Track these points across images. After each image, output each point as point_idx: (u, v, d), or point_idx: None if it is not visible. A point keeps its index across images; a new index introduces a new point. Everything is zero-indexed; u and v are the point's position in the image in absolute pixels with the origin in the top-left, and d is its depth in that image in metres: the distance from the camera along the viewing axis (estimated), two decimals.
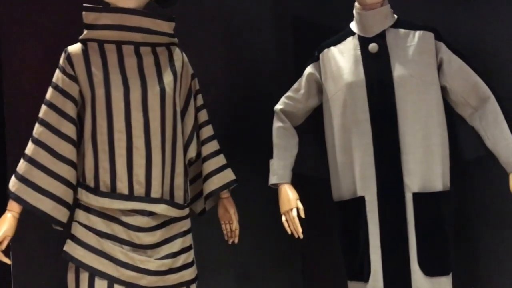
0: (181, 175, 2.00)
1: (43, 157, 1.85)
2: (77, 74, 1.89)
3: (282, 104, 2.14)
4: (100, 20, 1.88)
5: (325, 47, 2.07)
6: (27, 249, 2.32)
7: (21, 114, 2.32)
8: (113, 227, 1.87)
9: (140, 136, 1.88)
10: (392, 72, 1.90)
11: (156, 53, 1.97)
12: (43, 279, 2.35)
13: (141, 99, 1.88)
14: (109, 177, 1.87)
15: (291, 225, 1.98)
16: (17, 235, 1.87)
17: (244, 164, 2.29)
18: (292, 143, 2.12)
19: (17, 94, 2.35)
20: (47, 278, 2.33)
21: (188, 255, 1.98)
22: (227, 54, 2.41)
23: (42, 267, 2.34)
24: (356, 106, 1.93)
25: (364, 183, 1.92)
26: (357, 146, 1.94)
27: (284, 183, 2.05)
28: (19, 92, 2.35)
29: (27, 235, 2.19)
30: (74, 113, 1.91)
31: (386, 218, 1.89)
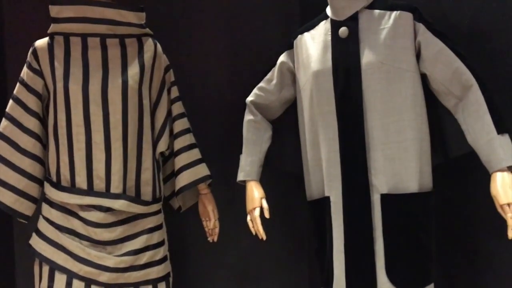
0: (149, 170, 1.94)
1: (6, 151, 1.87)
2: (42, 68, 1.89)
3: (253, 96, 2.00)
4: (63, 13, 1.87)
5: (299, 33, 1.91)
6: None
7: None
8: (72, 222, 1.85)
9: (99, 130, 1.84)
10: (360, 59, 1.71)
11: (124, 45, 1.92)
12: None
13: (100, 92, 1.84)
14: (68, 172, 1.85)
15: (254, 225, 1.85)
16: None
17: None
18: (263, 137, 1.97)
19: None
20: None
21: (154, 253, 1.92)
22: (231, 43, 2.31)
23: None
24: (321, 97, 1.75)
25: (330, 182, 1.75)
26: (323, 141, 1.76)
27: (251, 180, 1.92)
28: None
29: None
30: (38, 107, 1.90)
31: (351, 221, 1.70)
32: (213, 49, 2.28)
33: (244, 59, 2.27)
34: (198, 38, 2.28)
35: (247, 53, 2.28)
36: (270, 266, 2.22)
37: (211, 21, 2.29)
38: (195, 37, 2.29)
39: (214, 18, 2.29)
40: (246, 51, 2.28)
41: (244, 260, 2.25)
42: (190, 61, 2.27)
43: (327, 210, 1.74)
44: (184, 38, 2.29)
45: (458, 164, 1.82)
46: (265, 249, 2.18)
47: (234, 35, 2.28)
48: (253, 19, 2.28)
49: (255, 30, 2.28)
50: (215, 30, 2.28)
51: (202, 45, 2.28)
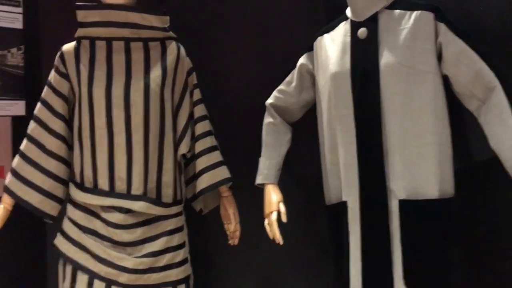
0: (170, 172, 1.96)
1: (33, 152, 1.92)
2: (68, 72, 1.94)
3: (272, 98, 1.99)
4: (89, 18, 1.91)
5: (318, 34, 1.88)
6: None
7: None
8: (94, 222, 1.89)
9: (121, 132, 1.87)
10: (379, 61, 1.66)
11: (148, 48, 1.95)
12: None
13: (123, 95, 1.87)
14: (91, 173, 1.89)
15: (271, 229, 1.84)
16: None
17: None
18: (282, 140, 1.96)
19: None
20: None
21: (174, 255, 1.93)
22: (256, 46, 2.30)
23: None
24: (339, 100, 1.71)
25: (347, 187, 1.70)
26: (341, 145, 1.72)
27: (269, 183, 1.91)
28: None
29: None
30: (64, 110, 1.95)
31: (368, 228, 1.65)
32: (238, 52, 2.27)
33: (270, 61, 2.24)
34: (223, 41, 2.28)
35: (272, 55, 2.25)
36: (293, 270, 2.19)
37: (236, 24, 2.28)
38: (220, 40, 2.29)
39: (239, 21, 2.28)
40: (272, 53, 2.26)
41: (267, 265, 2.23)
42: (215, 64, 2.27)
43: (344, 216, 1.71)
44: (209, 41, 2.29)
45: (482, 169, 1.75)
46: (288, 254, 2.16)
47: (259, 37, 2.26)
48: (279, 21, 2.26)
49: (280, 32, 2.26)
50: (240, 33, 2.27)
51: (227, 48, 2.27)
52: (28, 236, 2.41)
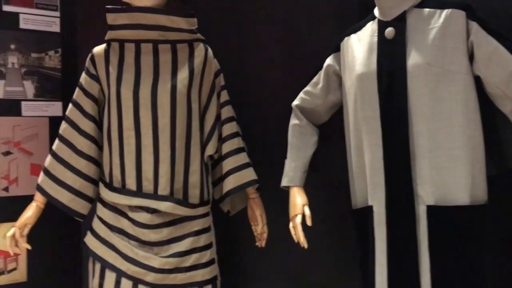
0: (197, 173, 1.97)
1: (64, 152, 1.97)
2: (98, 74, 1.98)
3: (298, 100, 1.96)
4: (119, 20, 1.94)
5: (345, 35, 1.85)
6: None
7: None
8: (122, 222, 1.92)
9: (148, 133, 1.89)
10: (406, 61, 1.61)
11: (176, 50, 1.97)
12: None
13: (150, 97, 1.89)
14: (119, 173, 1.92)
15: (296, 233, 1.81)
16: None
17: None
18: (308, 142, 1.93)
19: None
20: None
21: (201, 255, 1.94)
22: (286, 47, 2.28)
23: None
24: (365, 102, 1.67)
25: (373, 191, 1.65)
26: (367, 147, 1.67)
27: (294, 186, 1.89)
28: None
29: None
30: (94, 111, 1.99)
31: (394, 233, 1.59)
32: (266, 53, 2.26)
33: (299, 62, 2.22)
34: (252, 42, 2.28)
35: (302, 56, 2.23)
36: (321, 274, 2.16)
37: (265, 24, 2.27)
38: (249, 40, 2.28)
39: (268, 21, 2.27)
40: (301, 54, 2.23)
41: (294, 267, 2.21)
42: (243, 65, 2.27)
43: (370, 221, 1.66)
44: (237, 42, 2.29)
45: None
46: (316, 257, 2.13)
47: (288, 38, 2.24)
48: (309, 22, 2.24)
49: (310, 33, 2.24)
50: (269, 34, 2.26)
51: (256, 48, 2.27)
52: (64, 232, 2.47)
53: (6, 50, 2.36)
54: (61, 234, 2.45)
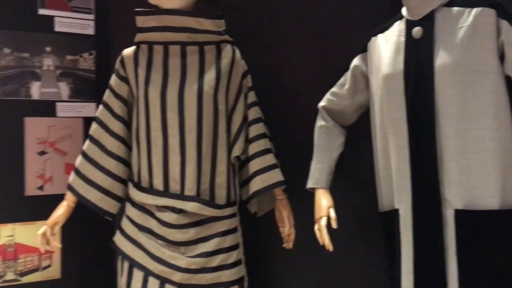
0: (223, 174, 1.97)
1: (94, 152, 2.02)
2: (127, 75, 2.01)
3: (325, 101, 1.94)
4: (147, 23, 1.97)
5: (372, 35, 1.81)
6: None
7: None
8: (150, 221, 1.94)
9: (175, 134, 1.91)
10: (434, 61, 1.57)
11: (203, 52, 1.98)
12: None
13: (177, 98, 1.91)
14: (147, 174, 1.95)
15: (321, 235, 1.79)
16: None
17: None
18: (334, 144, 1.90)
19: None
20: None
21: (227, 256, 1.94)
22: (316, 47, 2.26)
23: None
24: (391, 103, 1.64)
25: (399, 194, 1.62)
26: (393, 150, 1.64)
27: (319, 188, 1.86)
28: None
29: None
30: (123, 112, 2.03)
31: (421, 238, 1.56)
32: (295, 54, 2.24)
33: (330, 63, 2.20)
34: (279, 43, 2.27)
35: (333, 56, 2.21)
36: (348, 276, 2.13)
37: (294, 25, 2.25)
38: (276, 42, 2.27)
39: (297, 22, 2.25)
40: (332, 55, 2.21)
41: (322, 269, 2.19)
42: (271, 66, 2.26)
43: (396, 224, 1.63)
44: (264, 43, 2.29)
45: None
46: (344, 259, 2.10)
47: (317, 39, 2.22)
48: (340, 21, 2.21)
49: (341, 33, 2.21)
50: (297, 34, 2.24)
51: (284, 50, 2.25)
52: (98, 231, 2.51)
53: (41, 53, 2.43)
54: (95, 232, 2.49)
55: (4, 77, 2.36)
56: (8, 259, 2.34)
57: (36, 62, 2.42)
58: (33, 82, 2.41)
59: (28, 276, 2.38)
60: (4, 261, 2.33)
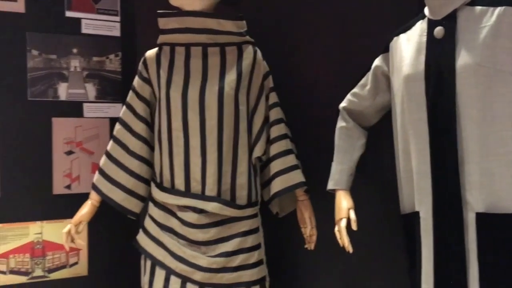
0: (244, 174, 1.98)
1: (117, 152, 2.05)
2: (150, 77, 2.04)
3: (346, 102, 1.92)
4: (169, 25, 1.99)
5: (394, 34, 1.79)
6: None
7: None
8: (171, 221, 1.96)
9: (196, 135, 1.92)
10: (455, 61, 1.54)
11: (224, 53, 1.99)
12: None
13: (198, 99, 1.92)
14: (169, 174, 1.97)
15: (341, 237, 1.78)
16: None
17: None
18: (354, 145, 1.88)
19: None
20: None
21: (248, 256, 1.95)
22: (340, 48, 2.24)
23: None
24: (412, 104, 1.61)
25: (420, 197, 1.59)
26: (414, 151, 1.62)
27: (340, 189, 1.85)
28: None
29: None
30: (146, 113, 2.06)
31: (442, 241, 1.53)
32: (317, 54, 2.23)
33: (354, 63, 2.18)
34: (301, 44, 2.26)
35: (357, 56, 2.18)
36: (371, 278, 2.11)
37: (316, 26, 2.24)
38: (298, 42, 2.26)
39: (320, 22, 2.24)
40: (356, 54, 2.19)
41: (345, 271, 2.17)
42: (293, 67, 2.26)
43: (417, 227, 1.61)
44: (286, 44, 2.28)
45: None
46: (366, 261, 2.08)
47: (340, 39, 2.20)
48: (365, 19, 2.18)
49: (365, 32, 2.19)
50: (319, 35, 2.23)
51: (306, 50, 2.24)
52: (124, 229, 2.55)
53: (68, 54, 2.48)
54: (122, 231, 2.54)
55: (32, 78, 2.42)
56: (37, 256, 2.41)
57: (64, 63, 2.47)
58: (60, 83, 2.47)
59: (56, 272, 2.44)
60: (33, 258, 2.40)
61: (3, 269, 2.36)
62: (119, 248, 2.56)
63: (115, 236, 2.54)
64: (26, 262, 2.40)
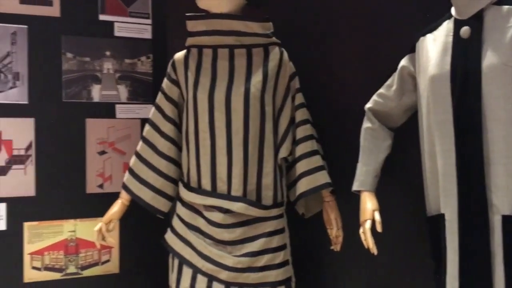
0: (270, 175, 1.99)
1: (146, 152, 2.10)
2: (178, 79, 2.07)
3: (371, 103, 1.91)
4: (197, 27, 2.02)
5: (421, 34, 1.77)
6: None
7: None
8: (198, 220, 1.99)
9: (222, 136, 1.95)
10: (481, 62, 1.51)
11: (251, 54, 2.01)
12: None
13: (224, 100, 1.95)
14: (196, 174, 2.00)
15: (365, 238, 1.77)
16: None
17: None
18: (380, 146, 1.86)
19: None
20: None
21: (274, 256, 1.96)
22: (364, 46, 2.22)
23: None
24: (438, 105, 1.59)
25: (445, 198, 1.57)
26: (439, 153, 1.59)
27: (365, 190, 1.84)
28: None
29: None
30: (174, 114, 2.09)
31: (467, 244, 1.51)
32: (346, 53, 2.22)
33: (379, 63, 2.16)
34: (328, 45, 2.25)
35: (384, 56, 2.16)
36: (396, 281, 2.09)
37: (342, 26, 2.23)
38: (324, 43, 2.25)
39: (347, 23, 2.22)
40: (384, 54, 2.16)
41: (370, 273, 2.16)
42: (322, 67, 2.25)
43: (442, 229, 1.59)
44: (314, 44, 2.28)
45: None
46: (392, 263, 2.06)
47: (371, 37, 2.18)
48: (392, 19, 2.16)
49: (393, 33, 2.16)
50: (346, 35, 2.21)
51: (332, 51, 2.23)
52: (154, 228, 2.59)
53: (102, 57, 2.55)
54: (152, 230, 2.57)
55: (67, 80, 2.50)
56: (70, 253, 2.48)
57: (97, 66, 2.54)
58: (94, 85, 2.54)
59: (88, 270, 2.51)
60: (66, 255, 2.47)
61: (38, 265, 2.44)
62: (149, 247, 2.61)
63: (146, 234, 2.59)
64: (60, 259, 2.47)
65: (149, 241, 2.60)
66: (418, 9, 2.12)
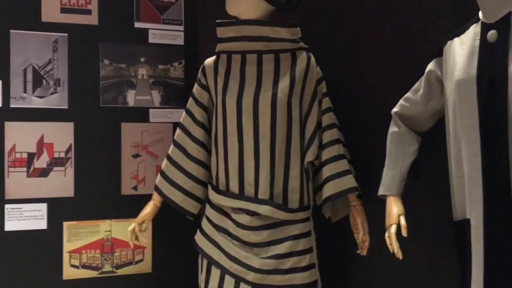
0: (296, 178, 2.02)
1: (177, 155, 2.16)
2: (208, 84, 2.13)
3: (398, 107, 1.90)
4: (227, 33, 2.07)
5: (448, 38, 1.76)
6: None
7: None
8: (226, 222, 2.04)
9: (250, 139, 1.99)
10: (508, 66, 1.49)
11: (279, 60, 2.04)
12: None
13: (252, 105, 1.99)
14: (224, 177, 2.05)
15: (390, 243, 1.77)
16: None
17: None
18: (407, 151, 1.85)
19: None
20: None
21: (300, 259, 1.99)
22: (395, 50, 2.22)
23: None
24: (464, 109, 1.57)
25: (471, 204, 1.54)
26: (465, 157, 1.57)
27: (390, 195, 1.84)
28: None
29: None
30: (204, 118, 2.15)
31: (492, 250, 1.48)
32: (375, 58, 2.22)
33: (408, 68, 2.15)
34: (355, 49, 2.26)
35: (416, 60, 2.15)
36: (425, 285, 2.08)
37: (372, 30, 2.23)
38: (353, 48, 2.27)
39: (375, 27, 2.23)
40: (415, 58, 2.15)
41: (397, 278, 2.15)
42: (349, 72, 2.26)
43: (467, 235, 1.57)
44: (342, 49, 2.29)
45: None
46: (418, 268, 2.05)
47: (402, 41, 2.17)
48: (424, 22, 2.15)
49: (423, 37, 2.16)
50: (379, 37, 2.21)
51: (361, 55, 2.24)
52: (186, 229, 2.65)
53: (137, 63, 2.64)
54: (183, 231, 2.64)
55: (104, 86, 2.60)
56: (106, 252, 2.58)
57: (132, 72, 2.63)
58: (129, 91, 2.63)
59: (123, 268, 2.60)
60: (102, 254, 2.57)
61: (76, 263, 2.55)
62: (180, 247, 2.69)
63: (177, 235, 2.67)
64: (97, 258, 2.57)
65: (180, 242, 2.68)
66: (449, 12, 2.11)
